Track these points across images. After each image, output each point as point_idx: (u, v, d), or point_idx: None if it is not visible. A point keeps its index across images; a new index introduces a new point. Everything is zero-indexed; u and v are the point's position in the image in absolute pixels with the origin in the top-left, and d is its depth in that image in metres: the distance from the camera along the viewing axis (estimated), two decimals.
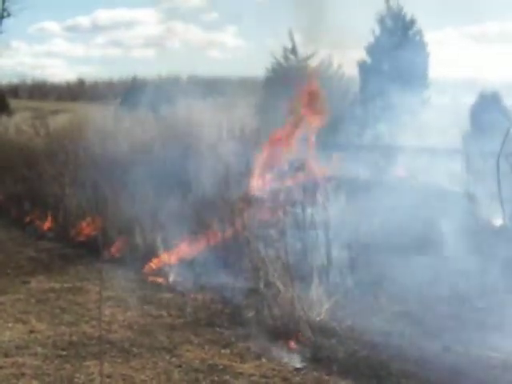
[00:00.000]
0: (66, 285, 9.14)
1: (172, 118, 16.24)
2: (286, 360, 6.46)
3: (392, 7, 23.33)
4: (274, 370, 6.27)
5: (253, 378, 6.10)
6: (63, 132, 16.37)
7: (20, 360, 6.47)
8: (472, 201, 10.31)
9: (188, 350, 6.73)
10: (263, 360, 6.49)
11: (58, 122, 18.79)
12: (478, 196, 10.34)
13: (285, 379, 6.09)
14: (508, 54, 38.32)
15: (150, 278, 9.30)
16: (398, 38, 22.23)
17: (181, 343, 6.93)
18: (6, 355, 6.60)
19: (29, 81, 54.62)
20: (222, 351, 6.72)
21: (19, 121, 21.80)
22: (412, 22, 23.46)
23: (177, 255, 9.65)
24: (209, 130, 13.67)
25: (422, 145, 13.58)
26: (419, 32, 23.38)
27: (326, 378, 6.10)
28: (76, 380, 6.06)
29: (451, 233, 8.90)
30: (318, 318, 7.12)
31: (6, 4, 45.03)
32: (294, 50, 23.45)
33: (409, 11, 23.66)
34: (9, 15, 45.35)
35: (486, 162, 10.93)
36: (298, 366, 6.33)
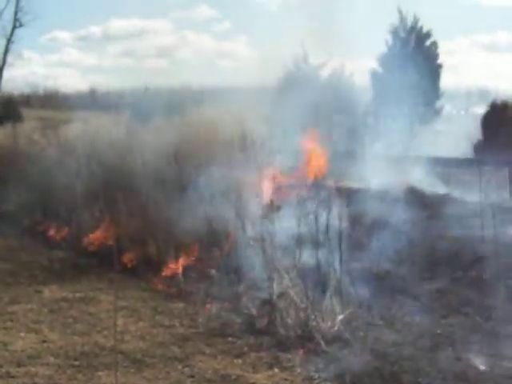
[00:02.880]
0: (78, 294, 9.15)
1: (183, 128, 16.18)
2: (298, 370, 6.43)
3: (406, 18, 23.33)
4: (286, 380, 6.24)
5: None
6: (75, 141, 16.35)
7: (32, 370, 6.47)
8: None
9: (200, 360, 6.71)
10: (275, 370, 6.46)
11: (70, 131, 18.76)
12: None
13: None
14: None
15: (162, 288, 9.28)
16: (410, 48, 22.25)
17: (193, 353, 6.91)
18: (19, 365, 6.60)
19: (41, 91, 54.63)
20: (235, 361, 6.70)
21: (31, 130, 21.81)
22: (428, 34, 23.47)
23: (189, 265, 9.63)
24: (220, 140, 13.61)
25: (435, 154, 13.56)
26: (434, 44, 23.39)
27: None
28: None
29: None
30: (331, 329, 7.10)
31: (18, 14, 45.33)
32: (305, 59, 23.48)
33: (424, 23, 23.63)
34: (21, 25, 45.62)
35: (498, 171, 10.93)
36: (311, 376, 6.30)
